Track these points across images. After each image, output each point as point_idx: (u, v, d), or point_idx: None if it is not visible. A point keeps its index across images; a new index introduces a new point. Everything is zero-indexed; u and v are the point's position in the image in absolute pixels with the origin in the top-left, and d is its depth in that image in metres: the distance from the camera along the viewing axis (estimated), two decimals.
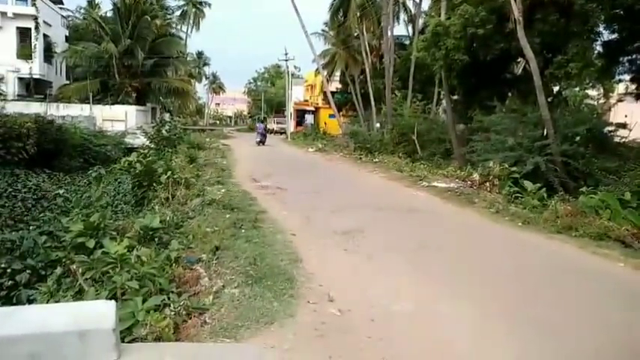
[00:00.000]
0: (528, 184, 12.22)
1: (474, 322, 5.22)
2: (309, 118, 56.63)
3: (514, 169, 13.34)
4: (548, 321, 5.30)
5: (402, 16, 38.50)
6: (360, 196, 13.89)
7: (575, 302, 5.94)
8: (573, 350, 4.74)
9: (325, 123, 49.28)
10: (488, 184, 13.80)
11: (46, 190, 15.06)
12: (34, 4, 33.60)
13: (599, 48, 16.81)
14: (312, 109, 57.72)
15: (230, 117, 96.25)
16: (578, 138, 14.04)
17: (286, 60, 50.56)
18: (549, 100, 15.95)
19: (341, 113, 40.55)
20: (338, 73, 42.83)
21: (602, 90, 29.00)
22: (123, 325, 4.54)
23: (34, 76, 33.82)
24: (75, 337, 3.32)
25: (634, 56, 17.39)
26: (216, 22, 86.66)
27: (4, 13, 32.93)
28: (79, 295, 5.74)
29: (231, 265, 6.75)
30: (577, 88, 26.27)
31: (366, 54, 33.76)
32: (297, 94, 63.02)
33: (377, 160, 22.94)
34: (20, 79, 33.79)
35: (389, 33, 30.76)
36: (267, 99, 74.71)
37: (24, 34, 33.82)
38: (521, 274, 6.96)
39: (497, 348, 4.69)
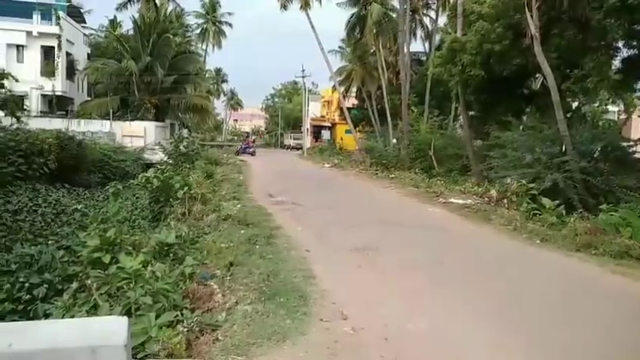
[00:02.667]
0: (546, 201, 12.04)
1: (490, 343, 5.12)
2: (325, 134, 56.91)
3: (532, 185, 13.15)
4: (569, 343, 5.18)
5: (419, 32, 38.65)
6: (375, 212, 13.83)
7: (594, 322, 5.79)
8: None
9: (342, 139, 49.42)
10: (505, 200, 13.63)
11: (65, 204, 15.27)
12: (58, 24, 34.47)
13: (618, 63, 16.63)
14: (329, 124, 57.98)
15: (248, 133, 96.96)
16: (596, 154, 13.82)
17: (303, 77, 51.11)
18: (568, 115, 15.77)
19: (357, 129, 40.61)
20: (354, 89, 42.99)
21: (622, 105, 28.61)
22: (136, 341, 4.54)
23: (57, 93, 34.54)
24: (86, 352, 3.31)
25: None
26: (234, 39, 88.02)
27: (29, 33, 33.82)
28: (94, 309, 5.77)
29: (244, 281, 6.75)
30: (596, 104, 25.99)
31: (383, 70, 33.85)
32: (313, 110, 63.38)
33: (393, 175, 22.87)
34: (43, 95, 34.55)
35: (405, 49, 30.83)
36: (284, 115, 75.19)
37: (48, 53, 34.66)
38: (539, 293, 6.83)
39: None
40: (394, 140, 30.60)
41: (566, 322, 5.77)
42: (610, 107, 29.46)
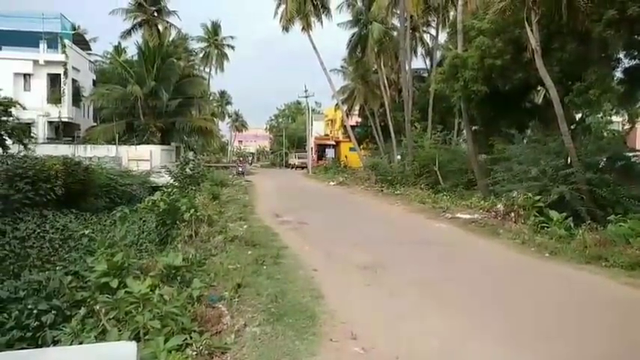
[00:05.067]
0: (554, 214, 11.98)
1: None
2: (329, 152, 57.04)
3: (538, 198, 13.11)
4: (583, 358, 5.11)
5: (420, 49, 38.94)
6: (382, 229, 13.78)
7: (609, 336, 5.72)
8: None
9: (346, 156, 49.54)
10: (512, 214, 13.56)
11: (72, 230, 15.30)
12: (64, 52, 35.04)
13: (620, 74, 16.66)
14: (333, 143, 58.17)
15: (252, 153, 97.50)
16: (602, 165, 13.78)
17: (306, 97, 51.54)
18: (572, 127, 15.76)
19: (361, 146, 40.72)
20: (357, 107, 43.24)
21: (626, 116, 28.56)
22: None
23: (63, 120, 34.94)
24: None
25: None
26: (238, 61, 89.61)
27: (36, 61, 34.38)
28: (103, 335, 5.75)
29: (252, 302, 6.73)
30: (600, 115, 25.95)
31: (385, 88, 34.07)
32: (317, 129, 63.65)
33: (399, 192, 22.85)
34: (50, 122, 34.96)
35: (407, 67, 31.07)
36: (288, 135, 75.61)
37: (54, 80, 35.18)
38: (551, 308, 6.75)
39: None
40: (398, 156, 30.62)
41: (579, 337, 5.70)
42: (614, 118, 29.42)
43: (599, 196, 13.15)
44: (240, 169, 44.53)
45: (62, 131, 35.08)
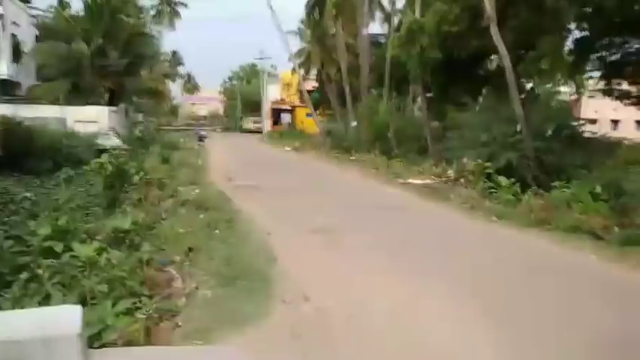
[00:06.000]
0: (502, 180, 12.35)
1: (452, 318, 5.21)
2: (285, 117, 56.48)
3: (488, 164, 13.46)
4: (525, 318, 5.33)
5: (378, 14, 38.55)
6: (335, 194, 13.86)
7: (549, 294, 5.99)
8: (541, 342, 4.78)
9: (302, 122, 49.20)
10: (463, 180, 13.91)
11: (13, 193, 14.55)
12: None
13: (570, 45, 17.11)
14: (289, 108, 57.52)
15: (205, 117, 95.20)
16: (549, 133, 14.23)
17: (261, 58, 50.48)
18: (522, 96, 16.13)
19: (318, 112, 40.44)
20: (314, 72, 42.72)
21: (574, 86, 29.51)
22: (92, 330, 4.38)
23: (2, 77, 32.86)
24: (39, 343, 3.18)
25: (602, 53, 17.73)
26: (191, 20, 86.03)
27: None
28: (46, 300, 5.54)
29: (204, 266, 6.64)
30: (549, 85, 26.68)
31: (342, 52, 33.72)
32: (273, 93, 62.69)
33: (353, 157, 22.99)
34: None
35: (364, 31, 30.79)
36: (243, 98, 74.15)
37: None
38: (496, 269, 7.00)
39: (477, 341, 4.69)
40: (354, 123, 30.64)
41: (522, 296, 5.94)
42: (562, 88, 30.35)
43: (545, 163, 13.62)
44: (203, 134, 43.67)
45: (1, 90, 33.02)
